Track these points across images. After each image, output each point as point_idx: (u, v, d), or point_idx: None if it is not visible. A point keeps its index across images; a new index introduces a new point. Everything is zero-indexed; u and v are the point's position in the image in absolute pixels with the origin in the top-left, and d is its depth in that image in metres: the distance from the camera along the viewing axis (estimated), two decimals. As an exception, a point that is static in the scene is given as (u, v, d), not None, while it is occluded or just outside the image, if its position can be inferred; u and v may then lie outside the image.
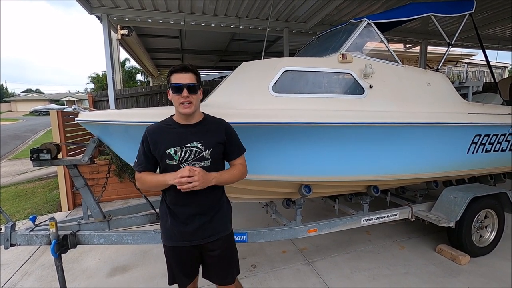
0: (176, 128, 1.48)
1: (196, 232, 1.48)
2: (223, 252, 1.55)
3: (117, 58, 6.91)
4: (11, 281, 2.63)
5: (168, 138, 1.45)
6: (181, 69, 1.42)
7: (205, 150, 1.45)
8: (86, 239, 2.21)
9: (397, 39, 7.42)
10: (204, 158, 1.46)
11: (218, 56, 9.75)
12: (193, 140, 1.45)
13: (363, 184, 2.77)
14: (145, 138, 1.47)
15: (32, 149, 2.20)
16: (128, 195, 4.90)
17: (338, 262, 2.76)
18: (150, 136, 1.46)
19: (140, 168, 1.49)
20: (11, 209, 4.57)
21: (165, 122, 1.52)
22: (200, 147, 1.44)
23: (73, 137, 4.75)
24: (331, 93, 2.39)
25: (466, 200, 2.70)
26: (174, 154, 1.42)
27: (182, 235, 1.48)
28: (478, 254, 2.81)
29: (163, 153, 1.43)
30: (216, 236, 1.52)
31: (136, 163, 1.50)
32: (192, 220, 1.47)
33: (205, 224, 1.49)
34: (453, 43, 3.01)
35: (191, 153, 1.44)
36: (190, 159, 1.43)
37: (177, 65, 1.45)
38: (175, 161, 1.43)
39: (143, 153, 1.48)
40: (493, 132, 2.98)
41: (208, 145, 1.46)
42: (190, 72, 1.43)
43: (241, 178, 1.57)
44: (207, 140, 1.46)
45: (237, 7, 5.10)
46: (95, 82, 23.68)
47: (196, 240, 1.49)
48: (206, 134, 1.48)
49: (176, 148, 1.42)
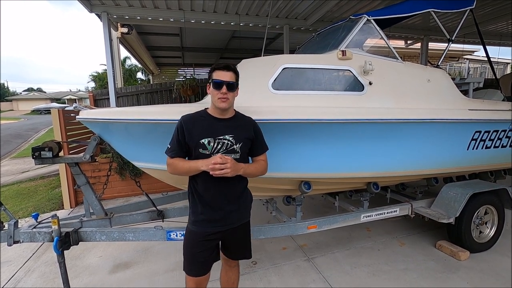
0: (210, 120, 1.58)
1: (224, 218, 1.60)
2: (243, 235, 1.73)
3: (118, 56, 6.92)
4: (15, 277, 2.66)
5: (202, 128, 1.54)
6: (224, 67, 1.54)
7: (236, 144, 1.56)
8: (88, 236, 2.22)
9: (397, 36, 7.38)
10: (235, 151, 1.57)
11: (218, 53, 9.73)
12: (225, 133, 1.55)
13: (363, 181, 2.78)
14: (180, 126, 1.56)
15: (34, 147, 2.22)
16: (129, 193, 4.93)
17: (338, 259, 2.78)
18: (185, 124, 1.55)
19: (172, 153, 1.57)
20: (14, 207, 4.60)
21: (199, 113, 1.62)
22: (231, 140, 1.55)
23: (74, 135, 4.77)
24: (330, 90, 2.39)
25: (466, 196, 2.71)
26: (207, 144, 1.52)
27: (211, 221, 1.59)
28: (477, 250, 2.81)
29: (197, 142, 1.52)
30: (240, 222, 1.67)
31: (169, 149, 1.58)
32: (221, 207, 1.59)
33: (232, 211, 1.62)
34: (453, 39, 2.99)
35: (223, 145, 1.54)
36: (221, 150, 1.54)
37: (220, 63, 1.56)
38: (208, 151, 1.52)
39: (176, 140, 1.56)
40: (493, 128, 2.97)
41: (239, 139, 1.57)
42: (232, 71, 1.55)
43: (263, 173, 1.70)
44: (238, 134, 1.58)
45: (237, 4, 5.09)
46: (96, 80, 23.70)
47: (222, 226, 1.61)
48: (237, 129, 1.59)
49: (210, 139, 1.52)
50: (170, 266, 2.73)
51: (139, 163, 2.32)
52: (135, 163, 2.33)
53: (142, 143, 2.17)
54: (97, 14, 4.93)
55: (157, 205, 2.74)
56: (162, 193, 3.08)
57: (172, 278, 2.55)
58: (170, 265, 2.75)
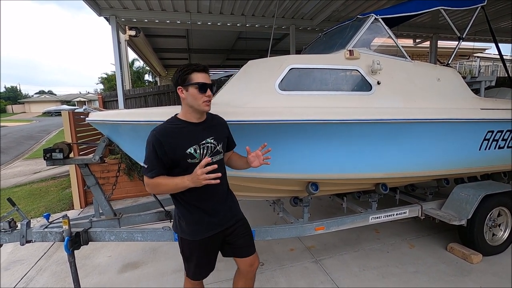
0: (187, 126, 1.49)
1: (221, 220, 1.59)
2: (243, 229, 1.69)
3: (126, 58, 7.01)
4: (27, 276, 2.72)
5: (184, 138, 1.46)
6: (203, 69, 1.47)
7: (218, 145, 1.55)
8: (98, 236, 2.26)
9: (406, 34, 7.26)
10: (219, 152, 1.56)
11: (224, 55, 9.77)
12: (206, 137, 1.51)
13: (371, 182, 2.74)
14: (157, 142, 1.40)
15: (46, 149, 2.27)
16: (137, 193, 4.98)
17: (346, 260, 2.75)
18: (164, 139, 1.41)
19: (152, 173, 1.43)
20: (26, 207, 4.71)
21: (171, 122, 1.51)
22: (214, 142, 1.53)
23: (84, 137, 4.86)
24: (338, 90, 2.36)
25: (478, 197, 2.64)
26: (194, 152, 1.46)
27: (209, 225, 1.56)
28: (491, 253, 2.74)
29: (184, 153, 1.44)
30: (235, 218, 1.66)
31: (147, 169, 1.44)
32: (217, 210, 1.57)
33: (226, 212, 1.62)
34: (464, 37, 2.93)
35: (208, 149, 1.51)
36: (208, 154, 1.50)
37: (197, 65, 1.47)
38: (197, 159, 1.46)
39: (155, 157, 1.41)
40: (507, 128, 2.89)
41: (219, 140, 1.56)
42: (208, 73, 1.50)
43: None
44: (217, 135, 1.56)
45: (243, 5, 5.09)
46: (105, 82, 24.08)
47: (220, 227, 1.59)
48: (215, 130, 1.57)
49: (195, 146, 1.46)
50: (178, 266, 2.75)
51: (147, 164, 2.34)
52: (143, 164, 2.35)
53: (150, 144, 2.19)
54: (106, 17, 5.02)
55: (164, 205, 2.76)
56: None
57: (180, 278, 2.56)
58: (177, 265, 2.76)
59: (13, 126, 22.31)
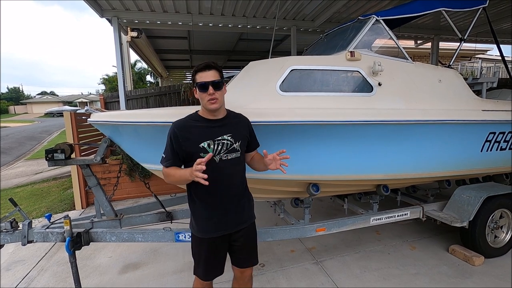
0: (205, 123, 1.53)
1: (230, 221, 1.58)
2: (250, 237, 1.69)
3: (128, 60, 7.04)
4: (28, 276, 2.73)
5: (199, 132, 1.49)
6: (204, 68, 1.47)
7: (235, 142, 1.54)
8: (99, 237, 2.26)
9: (407, 36, 7.26)
10: (235, 150, 1.55)
11: (225, 56, 9.79)
12: (223, 134, 1.51)
13: (372, 183, 2.74)
14: (173, 135, 1.49)
15: (47, 150, 2.28)
16: (138, 194, 4.99)
17: (347, 262, 2.74)
18: (180, 132, 1.49)
19: (168, 163, 1.51)
20: (28, 207, 4.73)
21: (191, 117, 1.56)
22: (230, 140, 1.52)
23: (85, 138, 4.88)
24: (339, 91, 2.37)
25: (480, 199, 2.63)
26: (207, 147, 1.48)
27: (218, 225, 1.56)
28: (493, 255, 2.73)
29: (197, 147, 1.47)
30: (246, 223, 1.65)
31: (164, 159, 1.52)
32: (226, 209, 1.56)
33: (238, 213, 1.60)
34: (465, 39, 2.93)
35: (223, 146, 1.51)
36: (222, 151, 1.50)
37: (201, 64, 1.48)
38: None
39: (171, 149, 1.50)
40: (508, 129, 2.89)
41: (237, 138, 1.55)
42: (213, 69, 1.48)
43: None
44: (235, 133, 1.55)
45: (244, 6, 5.11)
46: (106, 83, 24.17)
47: (229, 229, 1.59)
48: (234, 127, 1.56)
49: (209, 141, 1.48)
50: (179, 267, 2.75)
51: (148, 165, 2.35)
52: (144, 165, 2.36)
53: (151, 145, 2.20)
54: (108, 19, 5.05)
55: (165, 206, 2.76)
56: (170, 195, 3.11)
57: (181, 279, 2.56)
58: (178, 266, 2.77)
59: (15, 127, 22.40)
